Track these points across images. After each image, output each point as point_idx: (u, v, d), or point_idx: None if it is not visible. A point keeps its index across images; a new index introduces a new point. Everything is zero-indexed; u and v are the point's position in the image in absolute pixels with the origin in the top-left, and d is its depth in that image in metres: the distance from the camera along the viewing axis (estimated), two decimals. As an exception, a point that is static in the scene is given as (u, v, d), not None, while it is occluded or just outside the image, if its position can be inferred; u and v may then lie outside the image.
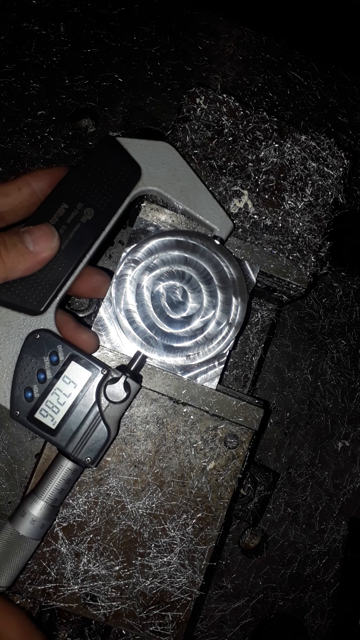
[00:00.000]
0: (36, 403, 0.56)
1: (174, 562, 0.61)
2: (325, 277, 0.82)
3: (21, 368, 0.56)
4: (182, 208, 0.62)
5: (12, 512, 0.58)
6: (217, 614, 0.75)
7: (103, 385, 0.57)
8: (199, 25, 0.84)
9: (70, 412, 0.57)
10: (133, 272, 0.62)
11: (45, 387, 0.56)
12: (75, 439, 0.57)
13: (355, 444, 0.80)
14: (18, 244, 0.54)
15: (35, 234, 0.55)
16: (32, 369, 0.56)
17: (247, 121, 0.66)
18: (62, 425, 0.57)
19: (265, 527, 0.77)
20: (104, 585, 0.61)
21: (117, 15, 0.83)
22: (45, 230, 0.56)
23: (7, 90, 0.79)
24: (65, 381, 0.57)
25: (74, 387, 0.57)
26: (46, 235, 0.55)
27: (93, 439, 0.57)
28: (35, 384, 0.56)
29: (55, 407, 0.57)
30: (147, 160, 0.61)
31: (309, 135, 0.67)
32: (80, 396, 0.57)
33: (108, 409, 0.57)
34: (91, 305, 0.70)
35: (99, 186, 0.59)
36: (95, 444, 0.57)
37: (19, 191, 0.58)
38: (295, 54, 0.85)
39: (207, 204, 0.62)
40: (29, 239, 0.55)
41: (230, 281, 0.63)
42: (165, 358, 0.62)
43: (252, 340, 0.70)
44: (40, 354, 0.56)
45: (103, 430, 0.57)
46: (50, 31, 0.81)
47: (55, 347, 0.57)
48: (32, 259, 0.55)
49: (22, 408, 0.56)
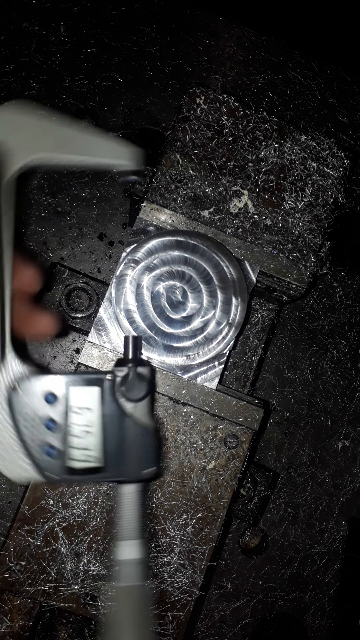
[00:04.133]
0: (65, 456, 0.48)
1: (174, 562, 0.61)
2: (325, 277, 0.82)
3: (23, 431, 0.47)
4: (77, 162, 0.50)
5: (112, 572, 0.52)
6: (217, 614, 0.75)
7: (117, 391, 0.49)
8: (199, 25, 0.84)
9: (107, 440, 0.48)
10: (133, 272, 0.62)
11: (62, 434, 0.48)
12: (127, 461, 0.49)
13: (355, 444, 0.80)
14: None
15: None
16: (36, 425, 0.47)
17: (247, 121, 0.66)
18: (107, 456, 0.48)
19: (265, 527, 0.77)
20: (104, 585, 0.61)
21: (117, 15, 0.83)
22: None
23: (7, 90, 0.79)
24: (77, 413, 0.48)
25: (90, 413, 0.48)
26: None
27: (142, 447, 0.49)
28: (49, 437, 0.48)
29: (87, 445, 0.48)
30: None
31: (309, 135, 0.67)
32: (103, 416, 0.49)
33: (137, 408, 0.50)
34: (91, 305, 0.70)
35: None
36: (148, 450, 0.49)
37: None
38: (295, 54, 0.85)
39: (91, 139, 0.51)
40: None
41: (230, 281, 0.63)
42: (165, 358, 0.62)
43: (252, 340, 0.70)
44: (35, 402, 0.48)
45: (146, 433, 0.49)
46: (50, 31, 0.81)
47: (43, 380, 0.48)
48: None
49: (54, 468, 0.48)
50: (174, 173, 0.65)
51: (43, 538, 0.60)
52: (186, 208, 0.64)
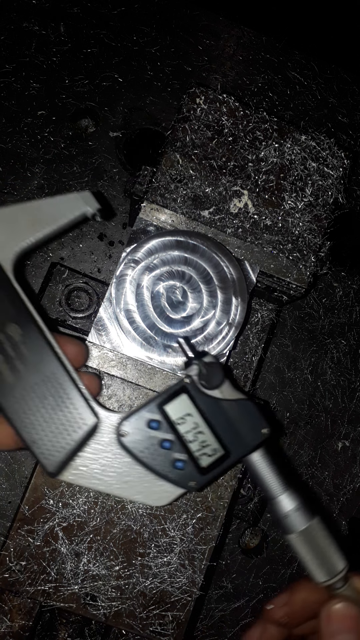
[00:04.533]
0: (192, 461, 0.53)
1: (174, 562, 0.61)
2: (325, 277, 0.82)
3: (149, 462, 0.53)
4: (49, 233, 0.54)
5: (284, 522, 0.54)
6: (217, 614, 0.75)
7: (200, 387, 0.53)
8: (199, 25, 0.84)
9: (217, 429, 0.53)
10: (133, 272, 0.62)
11: (180, 445, 0.53)
12: (242, 436, 0.53)
13: (355, 444, 0.80)
14: None
15: None
16: (154, 449, 0.53)
17: (247, 121, 0.66)
18: (224, 442, 0.53)
19: (265, 527, 0.77)
20: (104, 585, 0.61)
21: (117, 15, 0.83)
22: None
23: (7, 90, 0.79)
24: (182, 423, 0.53)
25: (191, 417, 0.53)
26: None
27: (248, 417, 0.53)
28: (171, 454, 0.53)
29: (204, 443, 0.53)
30: None
31: (309, 135, 0.67)
32: (202, 413, 0.53)
33: (223, 389, 0.54)
34: (91, 305, 0.70)
35: None
36: (254, 417, 0.54)
37: None
38: (295, 54, 0.85)
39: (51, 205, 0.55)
40: None
41: (230, 281, 0.63)
42: (165, 358, 0.62)
43: (252, 340, 0.70)
44: (144, 434, 0.53)
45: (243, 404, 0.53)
46: (50, 31, 0.81)
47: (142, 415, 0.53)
48: None
49: (189, 476, 0.53)
50: (174, 173, 0.65)
51: (43, 538, 0.60)
52: (186, 208, 0.64)
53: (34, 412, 0.51)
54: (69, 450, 0.52)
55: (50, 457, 0.51)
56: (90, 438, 0.53)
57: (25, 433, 0.51)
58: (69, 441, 0.52)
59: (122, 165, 0.80)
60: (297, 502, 0.53)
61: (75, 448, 0.52)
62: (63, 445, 0.52)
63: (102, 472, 0.53)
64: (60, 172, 0.79)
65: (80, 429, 0.52)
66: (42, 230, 0.53)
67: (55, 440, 0.52)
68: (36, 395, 0.51)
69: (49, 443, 0.51)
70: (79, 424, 0.52)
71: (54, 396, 0.51)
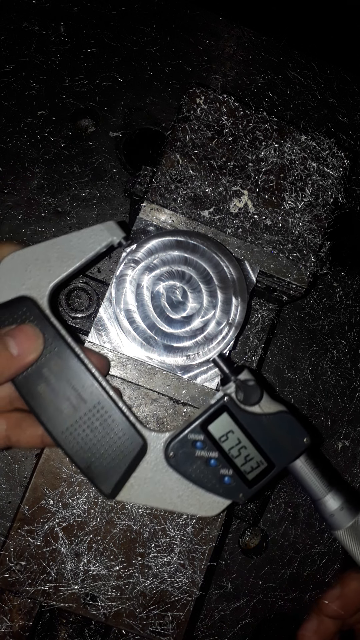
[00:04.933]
0: (239, 475, 0.56)
1: (174, 562, 0.61)
2: (325, 277, 0.82)
3: (199, 480, 0.56)
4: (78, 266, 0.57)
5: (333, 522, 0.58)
6: (217, 614, 0.75)
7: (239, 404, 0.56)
8: (199, 25, 0.84)
9: (259, 443, 0.56)
10: (133, 272, 0.62)
11: (225, 462, 0.56)
12: (285, 446, 0.56)
13: (355, 444, 0.80)
14: (1, 351, 0.52)
15: (18, 337, 0.53)
16: (202, 468, 0.56)
17: (247, 121, 0.66)
18: (267, 454, 0.56)
19: (265, 527, 0.77)
20: (104, 585, 0.61)
21: (117, 15, 0.83)
22: (28, 332, 0.53)
23: (7, 90, 0.79)
24: (225, 440, 0.56)
25: (233, 433, 0.56)
26: (30, 338, 0.53)
27: (288, 427, 0.56)
28: (219, 470, 0.56)
29: (248, 457, 0.56)
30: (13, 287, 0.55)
31: (309, 135, 0.67)
32: (244, 428, 0.56)
33: (262, 404, 0.56)
34: (91, 305, 0.70)
35: None
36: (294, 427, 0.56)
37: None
38: (295, 54, 0.85)
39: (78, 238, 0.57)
40: (12, 343, 0.52)
41: (230, 281, 0.63)
42: (165, 358, 0.62)
43: (252, 340, 0.70)
44: (190, 454, 0.56)
45: (283, 416, 0.56)
46: (50, 31, 0.81)
47: (187, 437, 0.56)
48: (17, 364, 0.52)
49: (237, 490, 0.56)
50: (174, 173, 0.65)
51: (43, 538, 0.60)
52: (186, 208, 0.64)
53: (86, 441, 0.55)
54: (122, 473, 0.55)
55: (106, 481, 0.55)
56: (140, 459, 0.56)
57: (79, 460, 0.55)
58: (121, 464, 0.55)
59: (122, 165, 0.80)
60: (341, 501, 0.57)
61: (127, 470, 0.55)
62: (116, 468, 0.55)
63: (155, 490, 0.56)
64: (60, 172, 0.79)
65: (130, 452, 0.55)
66: (72, 264, 0.56)
67: (108, 464, 0.55)
68: (87, 425, 0.55)
69: (103, 468, 0.55)
70: (129, 448, 0.55)
71: (102, 425, 0.55)
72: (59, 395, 0.54)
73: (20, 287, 0.55)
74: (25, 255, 0.56)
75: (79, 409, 0.55)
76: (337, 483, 0.59)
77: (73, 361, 0.55)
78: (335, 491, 0.57)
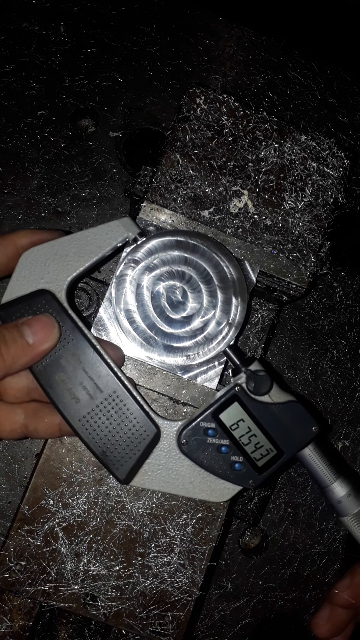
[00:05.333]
0: (249, 462, 0.58)
1: (174, 562, 0.61)
2: (325, 277, 0.82)
3: (210, 466, 0.58)
4: (95, 261, 0.59)
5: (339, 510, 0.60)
6: (217, 614, 0.75)
7: (250, 394, 0.58)
8: (199, 25, 0.84)
9: (269, 431, 0.58)
10: (133, 272, 0.62)
11: (236, 449, 0.58)
12: (294, 435, 0.58)
13: (355, 444, 0.80)
14: (18, 339, 0.53)
15: (35, 326, 0.55)
16: (213, 454, 0.58)
17: (247, 121, 0.66)
18: (277, 442, 0.58)
19: (265, 527, 0.77)
20: (104, 585, 0.61)
21: (117, 15, 0.83)
22: (44, 322, 0.55)
23: (7, 90, 0.79)
24: (236, 428, 0.58)
25: (244, 422, 0.58)
26: (46, 327, 0.55)
27: (298, 417, 0.58)
28: (230, 457, 0.58)
29: (258, 444, 0.58)
30: (32, 281, 0.57)
31: (309, 135, 0.67)
32: (254, 417, 0.58)
33: (272, 394, 0.58)
34: (91, 305, 0.70)
35: None
36: (303, 416, 0.58)
37: (5, 250, 0.58)
38: (295, 54, 0.85)
39: (95, 234, 0.59)
40: (28, 332, 0.54)
41: (230, 281, 0.63)
42: (165, 358, 0.62)
43: (252, 340, 0.70)
44: (202, 441, 0.58)
45: (292, 405, 0.58)
46: (50, 31, 0.81)
47: (199, 425, 0.58)
48: (33, 352, 0.54)
49: (247, 476, 0.58)
50: (174, 173, 0.65)
51: (43, 538, 0.61)
52: (186, 208, 0.64)
53: (102, 429, 0.57)
54: (136, 459, 0.58)
55: (120, 467, 0.57)
56: (153, 447, 0.58)
57: (95, 447, 0.57)
58: (135, 451, 0.57)
59: (122, 165, 0.80)
60: (348, 488, 0.59)
61: (141, 457, 0.58)
62: (130, 455, 0.57)
63: (168, 476, 0.59)
64: (60, 172, 0.79)
65: (144, 439, 0.58)
66: (89, 259, 0.58)
67: (123, 451, 0.57)
68: (103, 413, 0.57)
69: (118, 454, 0.57)
70: (143, 435, 0.57)
71: (118, 413, 0.57)
72: (77, 384, 0.56)
73: (39, 281, 0.57)
74: (44, 250, 0.58)
75: (95, 397, 0.57)
76: (345, 471, 0.60)
77: (90, 352, 0.57)
78: (343, 479, 0.59)
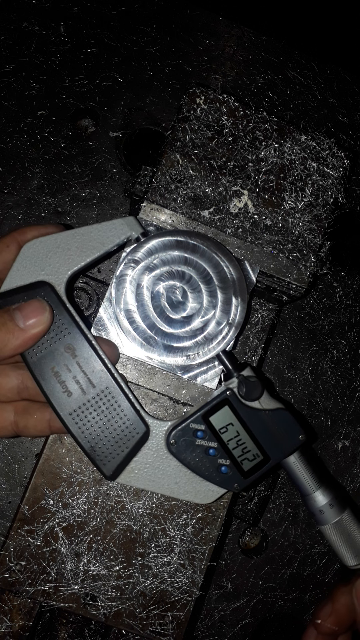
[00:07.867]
0: (235, 466, 0.58)
1: (174, 562, 0.61)
2: (325, 277, 0.82)
3: (196, 467, 0.58)
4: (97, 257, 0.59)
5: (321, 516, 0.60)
6: (217, 614, 0.75)
7: (241, 399, 0.58)
8: (199, 25, 0.84)
9: (257, 436, 0.58)
10: (133, 272, 0.62)
11: (224, 452, 0.58)
12: (281, 442, 0.58)
13: (355, 444, 0.80)
14: (8, 322, 0.53)
15: (25, 309, 0.54)
16: (201, 456, 0.58)
17: (247, 121, 0.66)
18: (264, 448, 0.58)
19: (265, 527, 0.77)
20: (104, 585, 0.61)
21: (117, 15, 0.83)
22: (35, 305, 0.55)
23: (7, 90, 0.79)
24: (224, 432, 0.58)
25: (232, 426, 0.58)
26: (36, 310, 0.55)
27: (285, 425, 0.58)
28: (217, 459, 0.58)
29: (245, 449, 0.58)
30: (33, 272, 0.57)
31: (309, 135, 0.67)
32: (243, 422, 0.58)
33: (262, 400, 0.58)
34: (91, 305, 0.70)
35: None
36: (290, 424, 0.58)
37: (7, 248, 0.58)
38: (295, 54, 0.85)
39: (98, 230, 0.59)
40: (19, 315, 0.54)
41: (230, 281, 0.63)
42: (165, 358, 0.62)
43: (252, 340, 0.70)
44: (191, 443, 0.57)
45: (281, 414, 0.58)
46: (50, 31, 0.81)
47: (189, 426, 0.58)
48: (24, 335, 0.54)
49: (233, 479, 0.58)
50: (174, 173, 0.65)
51: (43, 538, 0.61)
52: (186, 208, 0.64)
53: (92, 424, 0.57)
54: (123, 456, 0.57)
55: (107, 463, 0.57)
56: (142, 445, 0.58)
57: (84, 442, 0.57)
58: (123, 448, 0.57)
59: (122, 165, 0.80)
60: (329, 498, 0.59)
61: (129, 454, 0.57)
62: (118, 452, 0.57)
63: (154, 475, 0.58)
64: (60, 172, 0.79)
65: (133, 437, 0.57)
66: (91, 254, 0.58)
67: (111, 447, 0.57)
68: (94, 409, 0.57)
69: (106, 450, 0.57)
70: (132, 433, 0.57)
71: (109, 409, 0.57)
72: (70, 378, 0.56)
73: (39, 273, 0.57)
74: (46, 242, 0.58)
75: (87, 392, 0.57)
76: (327, 481, 0.60)
77: (85, 347, 0.57)
78: (325, 488, 0.59)
